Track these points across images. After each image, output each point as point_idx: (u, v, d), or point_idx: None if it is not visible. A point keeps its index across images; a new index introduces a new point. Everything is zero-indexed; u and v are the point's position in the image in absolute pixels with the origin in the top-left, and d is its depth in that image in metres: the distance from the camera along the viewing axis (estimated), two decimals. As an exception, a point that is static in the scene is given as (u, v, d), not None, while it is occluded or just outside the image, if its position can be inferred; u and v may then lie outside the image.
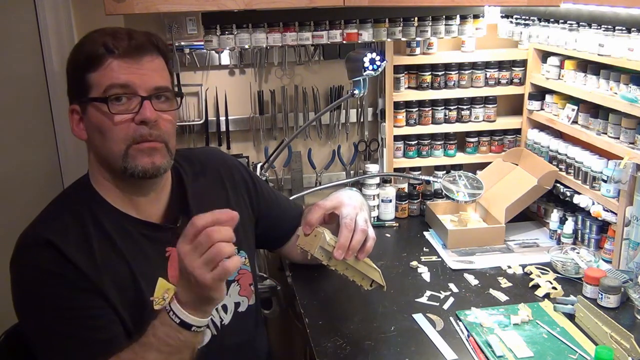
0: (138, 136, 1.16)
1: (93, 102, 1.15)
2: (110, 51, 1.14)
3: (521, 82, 2.16)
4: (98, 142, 1.18)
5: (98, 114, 1.15)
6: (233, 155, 2.19)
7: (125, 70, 1.15)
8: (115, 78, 1.14)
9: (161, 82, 1.19)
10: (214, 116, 2.16)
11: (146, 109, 1.15)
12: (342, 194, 1.42)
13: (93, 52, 1.15)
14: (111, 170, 1.20)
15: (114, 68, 1.14)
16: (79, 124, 1.20)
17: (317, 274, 1.76)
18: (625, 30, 1.53)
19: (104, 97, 1.14)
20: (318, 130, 2.24)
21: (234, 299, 1.36)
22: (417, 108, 2.16)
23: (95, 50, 1.14)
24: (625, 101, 1.60)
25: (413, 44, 2.08)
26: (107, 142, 1.16)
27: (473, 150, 2.23)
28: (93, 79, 1.15)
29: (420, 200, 2.16)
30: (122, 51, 1.14)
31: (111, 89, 1.14)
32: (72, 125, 1.20)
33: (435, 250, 1.88)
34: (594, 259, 1.71)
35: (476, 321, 1.47)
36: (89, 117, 1.17)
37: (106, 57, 1.14)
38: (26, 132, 2.11)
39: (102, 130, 1.16)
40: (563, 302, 1.53)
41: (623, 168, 1.61)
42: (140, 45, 1.16)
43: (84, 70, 1.15)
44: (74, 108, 1.19)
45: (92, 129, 1.18)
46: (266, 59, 2.13)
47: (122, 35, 1.16)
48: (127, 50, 1.15)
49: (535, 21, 1.89)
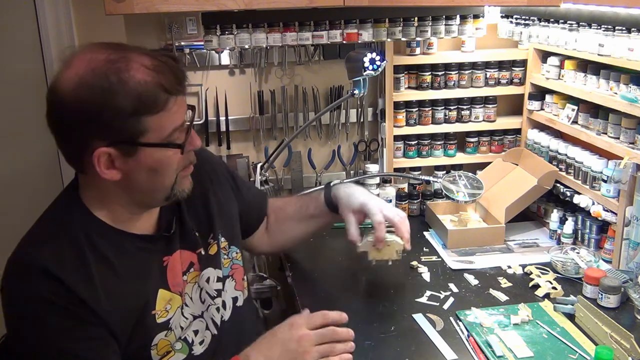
0: (188, 164, 1.18)
1: (154, 147, 1.09)
2: (171, 93, 1.08)
3: (521, 82, 2.16)
4: (144, 181, 1.13)
5: (156, 156, 1.11)
6: (233, 156, 2.20)
7: (182, 109, 1.12)
8: (178, 120, 1.11)
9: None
10: (214, 116, 2.16)
11: (196, 139, 1.17)
12: (347, 193, 1.56)
13: (151, 96, 1.05)
14: (143, 202, 1.18)
15: (175, 110, 1.10)
16: (109, 166, 1.09)
17: (317, 274, 1.76)
18: (625, 30, 1.53)
19: (176, 144, 1.11)
20: (318, 130, 2.24)
21: (231, 294, 1.36)
22: (417, 108, 2.16)
23: (153, 94, 1.06)
24: (625, 101, 1.60)
25: (413, 44, 2.08)
26: (160, 179, 1.14)
27: (473, 150, 2.23)
28: (151, 123, 1.07)
29: (420, 200, 2.16)
30: (177, 89, 1.10)
31: (175, 132, 1.11)
32: (100, 168, 1.08)
33: (435, 250, 1.88)
34: (594, 259, 1.71)
35: (476, 321, 1.47)
36: (138, 159, 1.09)
37: (168, 99, 1.08)
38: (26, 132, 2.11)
39: (158, 170, 1.12)
40: (563, 302, 1.53)
41: (623, 168, 1.61)
42: (182, 76, 1.12)
43: (137, 114, 1.05)
44: (106, 151, 1.07)
45: (137, 171, 1.11)
46: (266, 59, 2.13)
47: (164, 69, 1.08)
48: (179, 87, 1.10)
49: (535, 21, 1.89)
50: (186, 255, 1.27)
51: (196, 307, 1.26)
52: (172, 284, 1.22)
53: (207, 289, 1.30)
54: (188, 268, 1.27)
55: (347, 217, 1.54)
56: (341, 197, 1.56)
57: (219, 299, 1.32)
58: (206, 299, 1.30)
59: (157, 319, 1.18)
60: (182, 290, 1.24)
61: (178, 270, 1.24)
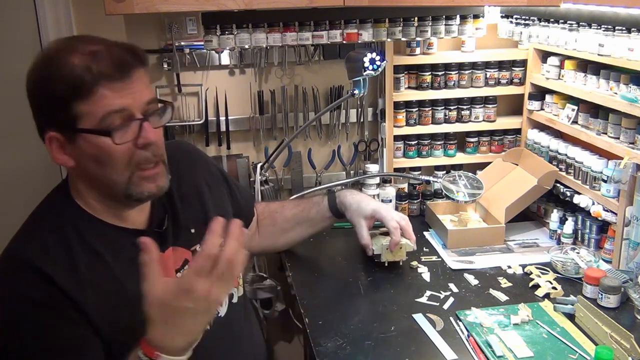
0: (142, 161, 1.12)
1: (87, 133, 1.07)
2: (98, 76, 1.04)
3: (521, 82, 2.16)
4: (94, 171, 1.11)
5: (94, 144, 1.08)
6: (233, 156, 2.20)
7: (118, 95, 1.06)
8: (110, 105, 1.06)
9: (150, 94, 1.13)
10: (214, 116, 2.16)
11: (148, 132, 1.10)
12: (356, 201, 1.66)
13: (77, 80, 1.04)
14: (106, 193, 1.15)
15: (107, 95, 1.05)
16: (60, 152, 1.10)
17: (317, 274, 1.76)
18: (625, 30, 1.53)
19: (105, 130, 1.06)
20: (318, 130, 2.24)
21: None
22: (417, 108, 2.16)
23: (79, 77, 1.04)
24: (625, 101, 1.60)
25: (413, 44, 2.08)
26: (107, 170, 1.10)
27: (473, 150, 2.23)
28: (82, 109, 1.05)
29: (420, 200, 2.16)
30: (109, 73, 1.05)
31: (108, 118, 1.06)
32: (52, 152, 1.10)
33: (435, 250, 1.88)
34: (594, 259, 1.71)
35: (476, 321, 1.47)
36: (79, 146, 1.09)
37: (94, 83, 1.04)
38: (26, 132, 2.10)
39: (100, 160, 1.09)
40: (563, 302, 1.53)
41: (623, 168, 1.61)
42: (125, 63, 1.08)
43: (66, 99, 1.05)
44: (54, 136, 1.08)
45: (85, 157, 1.10)
46: (266, 59, 2.13)
47: (102, 54, 1.06)
48: (114, 72, 1.06)
49: (535, 21, 1.89)
50: (180, 252, 1.27)
51: None
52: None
53: None
54: (182, 265, 1.26)
55: (358, 223, 1.66)
56: (350, 204, 1.67)
57: None
58: None
59: None
60: None
61: (170, 267, 1.24)
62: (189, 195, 1.33)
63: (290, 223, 1.70)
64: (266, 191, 2.09)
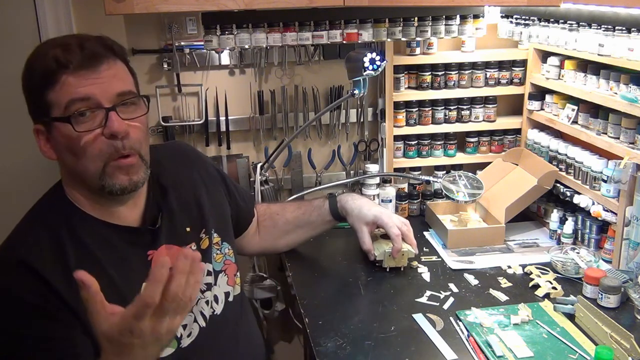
0: (113, 151, 1.12)
1: (56, 121, 1.10)
2: (64, 65, 1.08)
3: (521, 82, 2.16)
4: (70, 161, 1.13)
5: (64, 134, 1.10)
6: (233, 156, 2.20)
7: (83, 83, 1.08)
8: (74, 93, 1.08)
9: (123, 87, 1.14)
10: (214, 116, 2.16)
11: (113, 121, 1.10)
12: (357, 206, 1.67)
13: (46, 69, 1.08)
14: (88, 187, 1.16)
15: (71, 82, 1.08)
16: (46, 144, 1.14)
17: (317, 274, 1.76)
18: (625, 30, 1.53)
19: (66, 116, 1.08)
20: (318, 130, 2.24)
21: (223, 289, 1.37)
22: (417, 108, 2.16)
23: (48, 67, 1.08)
24: (625, 101, 1.60)
25: (413, 44, 2.08)
26: (80, 160, 1.12)
27: (473, 150, 2.23)
28: (52, 97, 1.09)
29: (420, 200, 2.16)
30: (76, 63, 1.08)
31: (72, 106, 1.08)
32: (40, 145, 1.14)
33: (435, 250, 1.88)
34: (594, 259, 1.71)
35: (476, 321, 1.47)
36: (55, 137, 1.12)
37: (60, 72, 1.07)
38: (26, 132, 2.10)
39: (72, 150, 1.11)
40: (563, 302, 1.53)
41: (623, 168, 1.61)
42: (94, 54, 1.10)
43: (40, 89, 1.09)
44: (38, 128, 1.14)
45: (61, 148, 1.13)
46: (266, 59, 2.13)
47: (72, 47, 1.09)
48: (81, 62, 1.08)
49: (535, 21, 1.89)
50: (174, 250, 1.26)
51: None
52: None
53: None
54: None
55: (360, 229, 1.68)
56: (352, 209, 1.67)
57: (209, 293, 1.32)
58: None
59: None
60: None
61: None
62: (186, 195, 1.33)
63: (291, 225, 1.71)
64: (266, 191, 2.09)
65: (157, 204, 1.29)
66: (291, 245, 1.77)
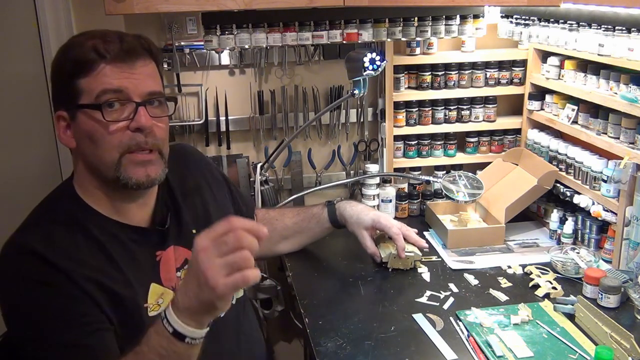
0: (133, 144, 1.14)
1: (84, 108, 1.11)
2: (102, 55, 1.10)
3: (521, 82, 2.16)
4: (89, 150, 1.14)
5: (90, 121, 1.12)
6: (233, 156, 2.20)
7: (118, 75, 1.11)
8: (108, 83, 1.10)
9: (155, 87, 1.17)
10: (214, 116, 2.16)
11: (141, 116, 1.13)
12: (355, 212, 1.68)
13: (83, 57, 1.10)
14: (102, 178, 1.17)
15: (107, 73, 1.10)
16: (66, 131, 1.16)
17: (317, 274, 1.76)
18: (625, 30, 1.53)
19: (96, 104, 1.10)
20: (318, 130, 2.24)
21: None
22: (417, 108, 2.16)
23: (85, 55, 1.10)
24: (625, 101, 1.60)
25: (413, 44, 2.08)
26: (98, 149, 1.13)
27: (473, 150, 2.22)
28: (83, 85, 1.11)
29: (420, 200, 2.16)
30: (114, 55, 1.11)
31: (104, 95, 1.10)
32: (59, 132, 1.16)
33: (435, 250, 1.88)
34: (594, 259, 1.71)
35: (476, 321, 1.47)
36: (78, 124, 1.13)
37: (97, 61, 1.10)
38: (26, 132, 2.11)
39: (93, 138, 1.12)
40: (563, 302, 1.53)
41: (623, 168, 1.61)
42: (133, 49, 1.13)
43: (72, 75, 1.11)
44: (61, 114, 1.15)
45: (82, 136, 1.14)
46: (266, 59, 2.13)
47: (112, 38, 1.12)
48: (119, 54, 1.11)
49: (535, 21, 1.89)
50: (181, 251, 1.27)
51: None
52: (164, 278, 1.23)
53: None
54: (182, 264, 1.27)
55: (360, 234, 1.69)
56: (350, 216, 1.69)
57: None
58: None
59: (148, 312, 1.18)
60: (174, 285, 1.24)
61: (171, 265, 1.25)
62: (192, 196, 1.34)
63: (290, 231, 1.73)
64: (266, 191, 2.09)
65: (166, 204, 1.29)
66: (289, 250, 1.78)
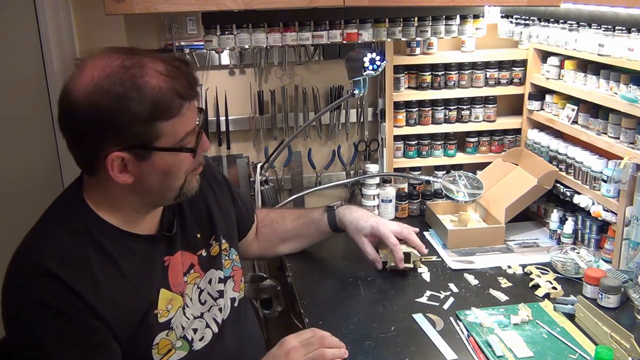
0: (197, 165, 1.20)
1: (168, 151, 1.10)
2: (185, 98, 1.10)
3: (521, 82, 2.16)
4: (156, 183, 1.14)
5: (169, 159, 1.12)
6: (233, 156, 2.20)
7: (194, 113, 1.14)
8: (190, 125, 1.13)
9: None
10: (214, 116, 2.16)
11: (206, 141, 1.20)
12: (354, 218, 1.67)
13: (166, 102, 1.07)
14: (152, 201, 1.19)
15: (188, 115, 1.11)
16: (122, 171, 1.10)
17: (317, 274, 1.76)
18: (625, 30, 1.53)
19: (189, 148, 1.13)
20: (318, 130, 2.24)
21: (230, 295, 1.38)
22: (417, 108, 2.16)
23: (167, 99, 1.07)
24: (625, 101, 1.60)
25: (413, 44, 2.08)
26: (170, 180, 1.15)
27: (473, 150, 2.23)
28: (166, 129, 1.08)
29: (420, 200, 2.16)
30: (190, 94, 1.12)
31: (187, 137, 1.12)
32: (112, 172, 1.08)
33: (435, 250, 1.88)
34: (594, 259, 1.71)
35: (476, 321, 1.47)
36: (151, 164, 1.10)
37: (183, 104, 1.09)
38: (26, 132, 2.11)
39: (170, 173, 1.14)
40: (563, 302, 1.53)
41: (623, 168, 1.61)
42: (195, 79, 1.14)
43: (150, 119, 1.06)
44: (119, 155, 1.07)
45: (151, 174, 1.12)
46: (266, 59, 2.13)
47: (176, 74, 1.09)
48: (192, 91, 1.12)
49: (535, 21, 1.89)
50: (186, 256, 1.28)
51: (196, 308, 1.27)
52: (173, 283, 1.23)
53: (210, 290, 1.31)
54: (188, 269, 1.28)
55: (360, 241, 1.68)
56: (350, 223, 1.67)
57: (221, 300, 1.34)
58: (207, 300, 1.30)
59: (159, 318, 1.18)
60: (182, 290, 1.24)
61: (179, 270, 1.25)
62: (196, 200, 1.34)
63: (290, 234, 1.73)
64: (266, 191, 2.09)
65: (172, 209, 1.30)
66: (289, 252, 1.78)
